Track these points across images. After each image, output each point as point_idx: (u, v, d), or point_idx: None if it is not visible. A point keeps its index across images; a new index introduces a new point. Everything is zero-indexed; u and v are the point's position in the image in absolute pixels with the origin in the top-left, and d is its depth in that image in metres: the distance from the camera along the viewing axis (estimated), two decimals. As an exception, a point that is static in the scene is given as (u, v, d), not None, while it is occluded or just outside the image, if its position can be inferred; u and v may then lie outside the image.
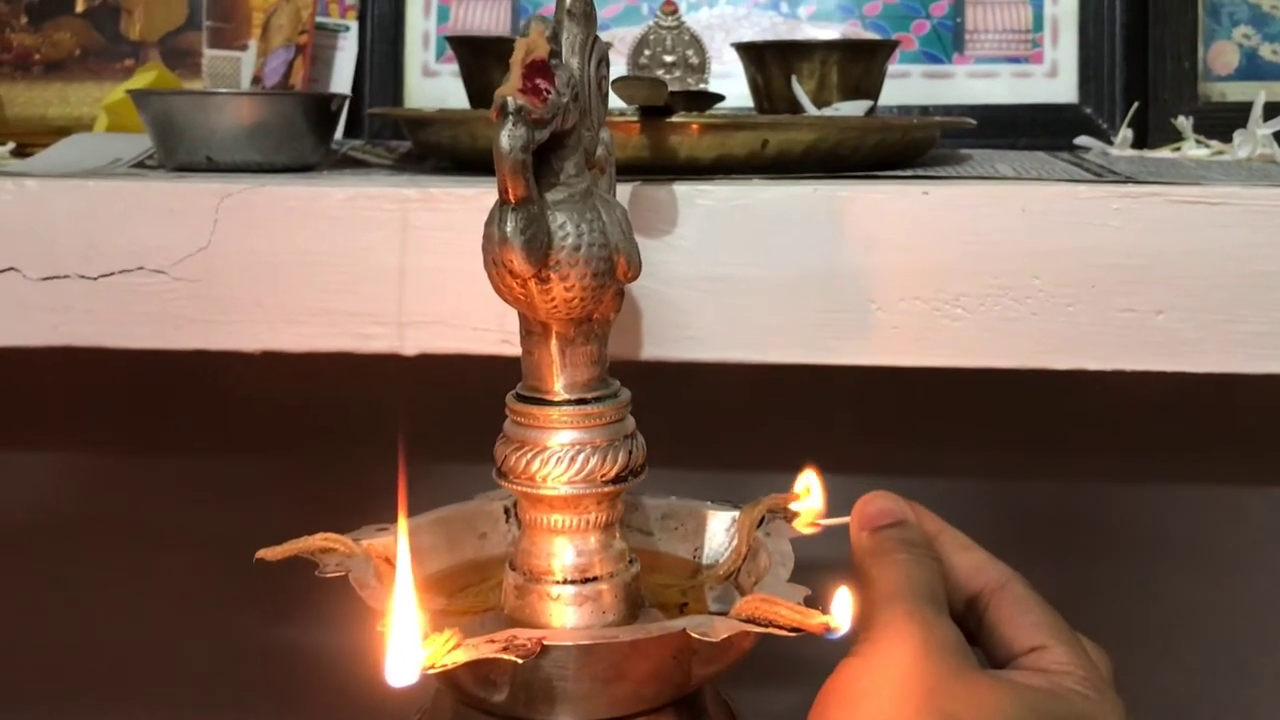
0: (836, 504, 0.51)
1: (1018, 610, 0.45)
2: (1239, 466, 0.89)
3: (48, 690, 0.98)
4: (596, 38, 0.42)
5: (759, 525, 0.50)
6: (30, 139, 0.77)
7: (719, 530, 0.52)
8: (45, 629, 0.98)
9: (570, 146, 0.41)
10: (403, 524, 0.39)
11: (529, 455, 0.43)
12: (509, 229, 0.38)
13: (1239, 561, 0.91)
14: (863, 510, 0.48)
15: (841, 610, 0.42)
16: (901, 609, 0.43)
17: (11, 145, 0.73)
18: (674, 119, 0.55)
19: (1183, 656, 0.92)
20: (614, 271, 0.42)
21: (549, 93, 0.37)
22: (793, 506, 0.50)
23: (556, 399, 0.43)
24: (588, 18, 0.41)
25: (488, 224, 0.40)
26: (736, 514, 0.51)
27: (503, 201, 0.39)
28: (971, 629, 0.46)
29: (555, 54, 0.38)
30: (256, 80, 0.82)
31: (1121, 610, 0.91)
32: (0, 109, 0.85)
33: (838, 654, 0.44)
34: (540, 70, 0.37)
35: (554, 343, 0.43)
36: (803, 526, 0.50)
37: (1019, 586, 0.46)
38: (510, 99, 0.37)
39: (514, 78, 0.37)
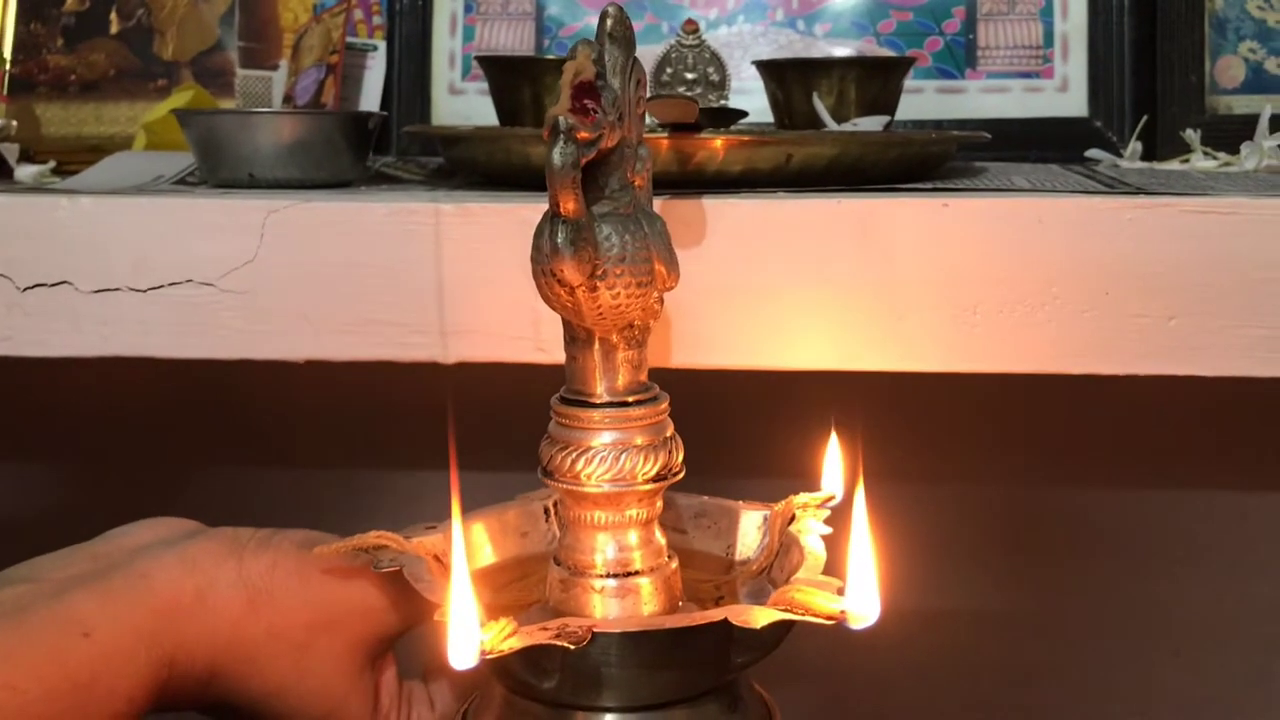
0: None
1: None
2: (1251, 471, 0.90)
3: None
4: (635, 60, 0.44)
5: (790, 523, 0.51)
6: (67, 157, 0.78)
7: (751, 528, 0.53)
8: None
9: (614, 162, 0.42)
10: (458, 516, 0.41)
11: (573, 455, 0.45)
12: (560, 240, 0.40)
13: (1252, 565, 0.92)
14: None
15: (871, 601, 0.43)
16: None
17: (52, 163, 0.74)
18: (702, 135, 0.57)
19: (1195, 660, 0.93)
20: (655, 280, 0.44)
21: (596, 112, 0.39)
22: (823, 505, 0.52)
23: (599, 401, 0.45)
24: (627, 41, 0.43)
25: (537, 235, 0.42)
26: (768, 512, 0.52)
27: (553, 214, 0.40)
28: None
29: (600, 75, 0.40)
30: (288, 99, 0.84)
31: (1135, 614, 0.92)
32: (39, 128, 0.87)
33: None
34: (588, 91, 0.39)
35: (597, 348, 0.44)
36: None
37: None
38: (561, 118, 0.38)
39: (564, 98, 0.39)
